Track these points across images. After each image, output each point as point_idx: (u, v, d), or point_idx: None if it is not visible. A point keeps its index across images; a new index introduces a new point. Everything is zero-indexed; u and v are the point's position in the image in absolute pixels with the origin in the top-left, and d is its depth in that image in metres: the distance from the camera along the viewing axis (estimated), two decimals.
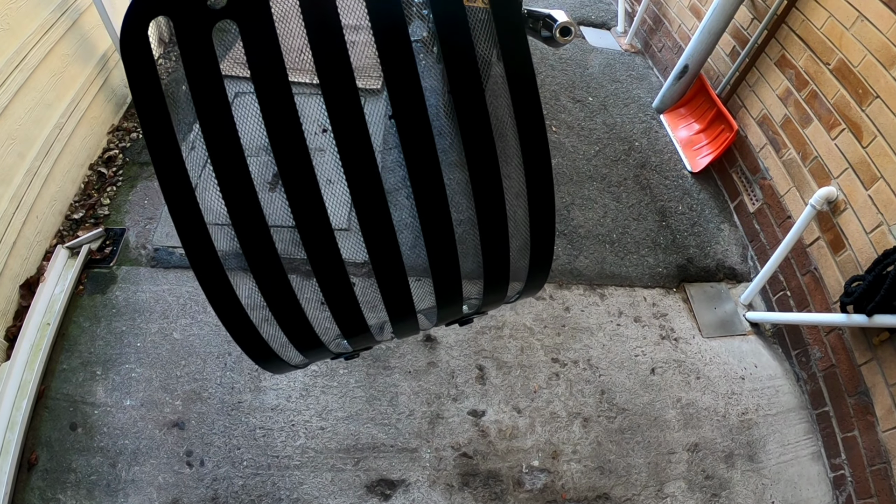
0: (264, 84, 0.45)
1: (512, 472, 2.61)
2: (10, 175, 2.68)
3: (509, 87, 0.56)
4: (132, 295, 2.85)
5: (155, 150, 0.48)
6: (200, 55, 0.44)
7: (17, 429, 2.35)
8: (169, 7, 0.42)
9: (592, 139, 4.30)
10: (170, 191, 0.50)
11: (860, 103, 2.91)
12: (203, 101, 0.45)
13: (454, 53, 0.52)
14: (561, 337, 3.08)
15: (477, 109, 0.54)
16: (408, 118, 0.51)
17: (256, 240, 0.54)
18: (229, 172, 0.49)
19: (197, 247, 0.54)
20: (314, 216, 0.52)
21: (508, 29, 0.53)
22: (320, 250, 0.55)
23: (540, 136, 0.58)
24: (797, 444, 2.90)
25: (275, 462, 2.46)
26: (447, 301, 0.65)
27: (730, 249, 3.73)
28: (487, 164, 0.55)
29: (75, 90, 3.16)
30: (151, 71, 0.45)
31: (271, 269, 0.56)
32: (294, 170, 0.50)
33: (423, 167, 0.53)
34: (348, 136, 0.49)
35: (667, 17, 5.13)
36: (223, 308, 0.59)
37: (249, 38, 0.43)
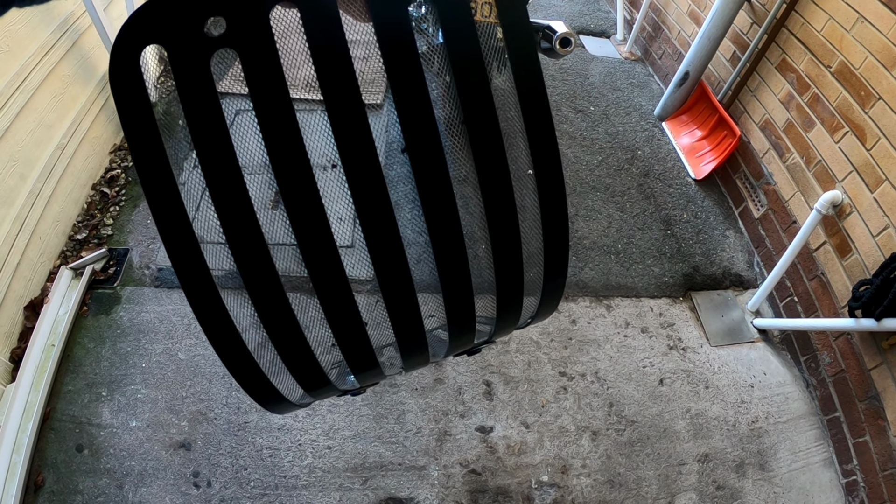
0: (266, 110, 0.44)
1: (521, 488, 2.58)
2: (12, 197, 2.68)
3: (520, 102, 0.55)
4: (136, 315, 2.84)
5: (148, 183, 0.46)
6: (197, 86, 0.42)
7: (23, 451, 2.35)
8: (163, 35, 0.40)
9: (595, 149, 4.29)
10: (168, 233, 0.49)
11: (863, 105, 2.90)
12: (200, 133, 0.44)
13: (464, 69, 0.51)
14: (568, 350, 3.06)
15: (488, 124, 0.53)
16: (418, 137, 0.50)
17: (257, 269, 0.53)
18: (229, 200, 0.48)
19: (191, 274, 0.52)
20: (319, 238, 0.50)
21: (519, 43, 0.52)
22: (327, 278, 0.53)
23: (551, 146, 0.57)
24: (808, 451, 2.87)
25: (282, 482, 2.45)
26: (459, 329, 0.63)
27: (735, 256, 3.71)
28: (499, 181, 0.54)
29: (76, 111, 3.16)
30: (143, 102, 0.43)
31: (278, 310, 0.55)
32: (299, 192, 0.49)
33: (435, 192, 0.51)
34: (355, 158, 0.48)
35: (666, 23, 5.13)
36: (226, 350, 0.58)
37: (250, 66, 0.42)
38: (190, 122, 0.44)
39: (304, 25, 0.43)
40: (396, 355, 0.65)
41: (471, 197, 0.54)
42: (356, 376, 0.66)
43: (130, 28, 0.39)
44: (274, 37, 0.43)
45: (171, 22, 0.39)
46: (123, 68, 0.41)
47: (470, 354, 0.75)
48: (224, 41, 0.41)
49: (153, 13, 0.39)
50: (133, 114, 0.42)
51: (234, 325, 0.54)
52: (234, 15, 0.40)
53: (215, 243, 0.51)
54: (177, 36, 0.40)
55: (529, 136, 0.55)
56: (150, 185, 0.46)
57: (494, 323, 0.65)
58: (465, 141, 0.51)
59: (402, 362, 0.66)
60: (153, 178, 0.45)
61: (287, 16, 0.43)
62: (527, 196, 0.56)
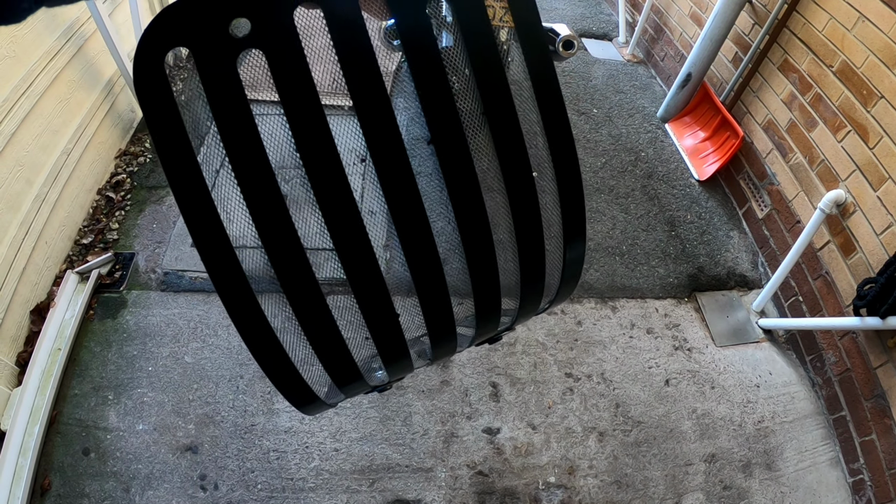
0: (295, 108, 0.44)
1: (528, 490, 2.58)
2: (18, 201, 2.69)
3: (537, 100, 0.57)
4: (143, 319, 2.85)
5: (176, 184, 0.46)
6: (225, 87, 0.43)
7: (29, 454, 2.35)
8: (187, 37, 0.40)
9: (598, 151, 4.29)
10: (201, 236, 0.49)
11: (865, 104, 2.90)
12: (230, 133, 0.44)
13: (483, 68, 0.52)
14: (574, 351, 3.06)
15: (507, 116, 0.54)
16: (443, 130, 0.51)
17: (293, 267, 0.53)
18: (263, 201, 0.48)
19: (227, 279, 0.52)
20: (355, 240, 0.51)
21: (534, 47, 0.53)
22: (362, 274, 0.54)
23: (567, 137, 0.59)
24: (815, 451, 2.87)
25: (289, 485, 2.45)
26: (487, 316, 0.64)
27: (740, 257, 3.71)
28: (519, 168, 0.55)
29: (82, 116, 3.17)
30: (169, 105, 0.43)
31: (310, 298, 0.56)
32: (332, 188, 0.49)
33: (462, 187, 0.52)
34: (386, 158, 0.48)
35: (668, 25, 5.14)
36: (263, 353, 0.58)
37: (277, 67, 0.42)
38: (219, 123, 0.44)
39: (328, 25, 0.43)
40: (426, 346, 0.65)
41: (493, 187, 0.56)
42: (388, 368, 0.66)
43: (154, 31, 0.39)
44: (299, 36, 0.43)
45: (196, 24, 0.40)
46: (148, 71, 0.40)
47: (491, 343, 0.77)
48: (249, 42, 0.41)
49: (177, 16, 0.39)
50: (160, 117, 0.42)
51: (270, 326, 0.55)
52: (258, 16, 0.41)
53: (250, 247, 0.52)
54: (202, 38, 0.40)
55: (544, 121, 0.57)
56: (180, 188, 0.46)
57: (517, 308, 0.66)
58: (486, 132, 0.53)
59: (431, 353, 0.67)
60: (183, 181, 0.45)
61: (310, 15, 0.44)
62: (546, 184, 0.58)
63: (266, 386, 2.70)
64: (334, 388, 0.67)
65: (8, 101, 2.60)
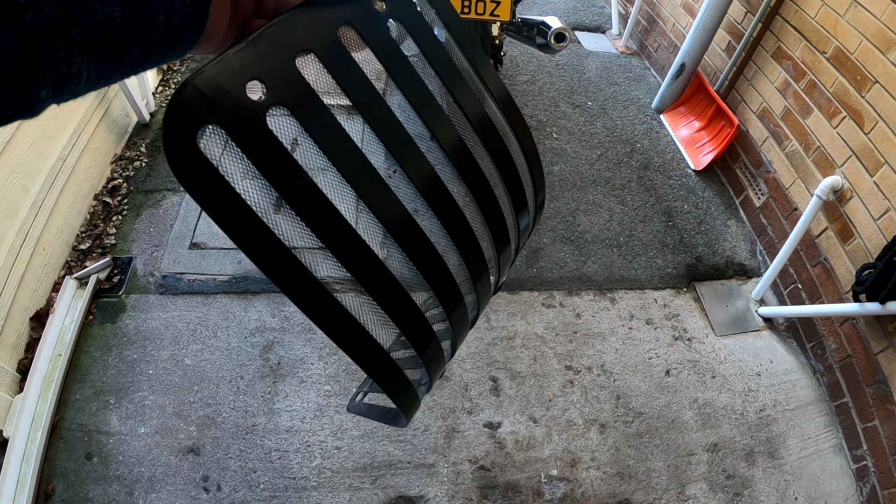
0: (331, 145, 0.48)
1: (531, 483, 2.58)
2: (15, 208, 2.69)
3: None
4: (142, 323, 2.85)
5: (258, 258, 0.48)
6: (266, 148, 0.45)
7: (32, 460, 2.36)
8: (211, 115, 0.41)
9: (594, 143, 4.29)
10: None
11: (859, 90, 2.90)
12: (283, 186, 0.47)
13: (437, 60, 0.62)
14: (573, 344, 3.07)
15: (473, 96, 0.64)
16: (444, 133, 0.61)
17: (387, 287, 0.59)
18: (344, 243, 0.53)
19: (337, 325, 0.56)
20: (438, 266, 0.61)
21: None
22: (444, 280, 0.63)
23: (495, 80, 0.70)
24: (817, 438, 2.87)
25: (292, 484, 2.45)
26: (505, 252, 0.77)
27: (738, 245, 3.71)
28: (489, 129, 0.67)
29: (76, 122, 3.17)
30: (219, 181, 0.44)
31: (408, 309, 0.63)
32: (409, 234, 0.57)
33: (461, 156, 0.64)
34: (414, 167, 0.57)
35: (660, 16, 5.13)
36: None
37: (303, 117, 0.46)
38: (273, 182, 0.46)
39: (323, 66, 0.48)
40: (472, 298, 0.77)
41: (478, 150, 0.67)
42: (455, 331, 0.76)
43: (177, 117, 0.40)
44: (309, 83, 0.47)
45: (214, 101, 0.41)
46: (186, 158, 0.41)
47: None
48: (269, 102, 0.44)
49: (194, 97, 0.41)
50: (213, 197, 0.43)
51: (381, 346, 0.59)
52: (268, 76, 0.43)
53: (344, 289, 0.56)
54: (226, 111, 0.42)
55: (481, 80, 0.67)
56: (262, 258, 0.48)
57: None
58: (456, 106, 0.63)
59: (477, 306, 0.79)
60: (262, 247, 0.48)
61: (308, 62, 0.48)
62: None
63: (266, 386, 2.70)
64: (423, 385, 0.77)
65: None
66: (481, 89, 0.65)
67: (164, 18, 0.34)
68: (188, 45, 0.37)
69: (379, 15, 0.52)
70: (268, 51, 0.44)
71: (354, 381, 2.75)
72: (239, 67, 0.42)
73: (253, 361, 2.77)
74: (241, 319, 2.91)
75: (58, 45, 0.29)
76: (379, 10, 0.52)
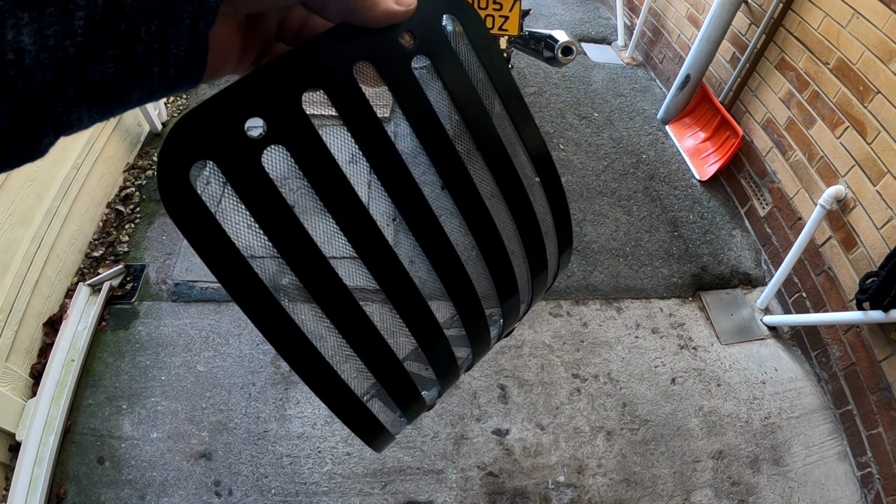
0: (325, 190, 0.48)
1: (538, 489, 2.61)
2: (30, 216, 2.73)
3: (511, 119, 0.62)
4: (155, 329, 2.88)
5: (236, 294, 0.49)
6: (257, 188, 0.45)
7: (44, 464, 2.38)
8: (206, 150, 0.42)
9: (600, 154, 4.33)
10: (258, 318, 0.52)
11: (862, 100, 2.93)
12: (272, 228, 0.47)
13: (464, 104, 0.57)
14: (580, 352, 3.09)
15: (499, 149, 0.59)
16: (454, 179, 0.57)
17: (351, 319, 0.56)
18: (323, 288, 0.52)
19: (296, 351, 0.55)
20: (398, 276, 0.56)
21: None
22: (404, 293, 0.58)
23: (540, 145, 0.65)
24: (822, 445, 2.89)
25: (303, 489, 2.48)
26: (511, 312, 0.71)
27: (743, 255, 3.74)
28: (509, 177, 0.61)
29: (90, 131, 3.22)
30: (206, 216, 0.44)
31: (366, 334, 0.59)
32: (390, 279, 0.55)
33: (469, 202, 0.59)
34: (415, 215, 0.55)
35: (665, 28, 5.18)
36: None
37: (301, 158, 0.46)
38: (260, 222, 0.46)
39: (331, 102, 0.46)
40: (468, 352, 0.70)
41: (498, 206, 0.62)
42: (440, 382, 0.69)
43: (172, 150, 0.41)
44: (312, 124, 0.46)
45: (212, 136, 0.42)
46: (176, 191, 0.42)
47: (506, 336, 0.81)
48: (268, 140, 0.44)
49: (190, 131, 0.41)
50: (200, 231, 0.44)
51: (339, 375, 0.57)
52: (269, 113, 0.43)
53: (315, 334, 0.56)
54: (222, 148, 0.43)
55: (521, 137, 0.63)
56: (239, 293, 0.49)
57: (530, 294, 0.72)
58: (482, 164, 0.59)
59: (472, 357, 0.72)
60: (239, 282, 0.48)
61: (315, 97, 0.47)
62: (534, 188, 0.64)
63: (278, 392, 2.73)
64: (397, 413, 0.69)
65: None
66: (513, 139, 0.60)
67: (160, 70, 0.33)
68: (190, 86, 0.37)
69: (404, 50, 0.48)
70: (274, 85, 0.43)
71: None
72: (240, 102, 0.42)
73: (265, 368, 2.80)
74: (253, 327, 2.92)
75: (55, 103, 0.30)
76: (405, 44, 0.48)
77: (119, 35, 0.30)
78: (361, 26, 0.45)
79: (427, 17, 0.49)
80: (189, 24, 0.33)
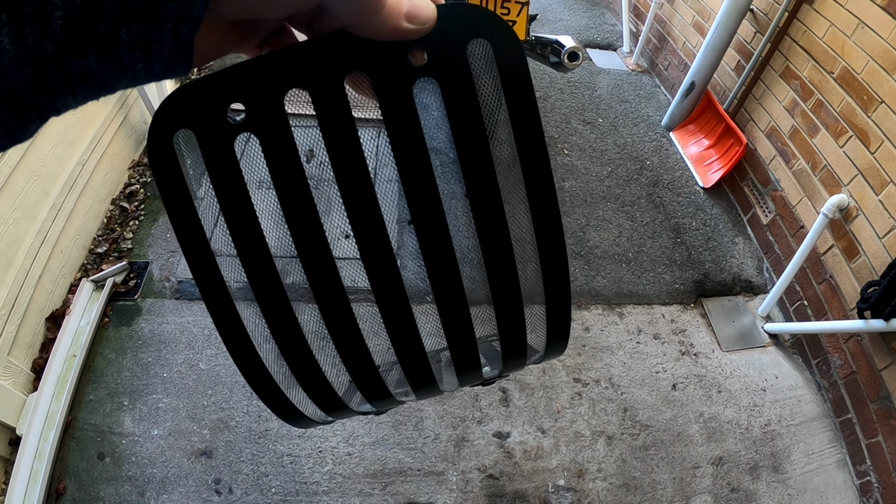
0: (283, 186, 0.49)
1: (538, 493, 2.61)
2: (35, 211, 2.74)
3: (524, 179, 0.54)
4: (157, 327, 2.89)
5: (184, 246, 0.52)
6: (222, 164, 0.48)
7: (44, 459, 2.38)
8: (191, 122, 0.45)
9: (604, 160, 4.34)
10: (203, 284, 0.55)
11: (866, 109, 2.94)
12: (227, 202, 0.49)
13: (468, 153, 0.51)
14: (582, 357, 3.10)
15: (492, 202, 0.53)
16: (425, 218, 0.53)
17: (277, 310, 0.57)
18: (259, 278, 0.54)
19: (222, 314, 0.57)
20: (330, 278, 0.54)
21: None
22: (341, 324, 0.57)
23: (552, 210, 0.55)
24: (822, 453, 2.89)
25: (303, 488, 2.48)
26: (464, 364, 0.65)
27: (745, 262, 3.74)
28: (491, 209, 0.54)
29: (96, 127, 3.23)
30: (178, 177, 0.48)
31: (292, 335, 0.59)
32: (315, 260, 0.54)
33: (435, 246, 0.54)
34: (369, 238, 0.52)
35: (671, 35, 5.19)
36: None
37: (268, 149, 0.47)
38: (218, 195, 0.49)
39: (313, 106, 0.47)
40: (406, 387, 0.67)
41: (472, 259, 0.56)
42: (371, 403, 0.68)
43: (162, 115, 0.45)
44: (289, 121, 0.47)
45: (198, 111, 0.45)
46: (159, 150, 0.46)
47: (485, 385, 0.76)
48: (244, 126, 0.46)
49: (181, 103, 0.45)
50: (170, 188, 0.48)
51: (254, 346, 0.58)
52: (251, 103, 0.45)
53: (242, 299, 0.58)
54: (203, 123, 0.46)
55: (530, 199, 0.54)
56: (187, 246, 0.52)
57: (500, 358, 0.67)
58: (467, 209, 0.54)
59: (414, 394, 0.68)
60: (189, 240, 0.52)
61: (301, 96, 0.47)
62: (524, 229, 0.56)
63: None
64: (317, 408, 0.69)
65: None
66: (516, 196, 0.52)
67: (144, 66, 0.33)
68: (179, 76, 0.36)
69: (409, 69, 0.44)
70: (261, 78, 0.44)
71: None
72: (230, 85, 0.44)
73: None
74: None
75: (37, 95, 0.30)
76: (414, 62, 0.44)
77: (99, 34, 0.30)
78: None
79: (448, 38, 0.44)
80: (172, 29, 0.32)
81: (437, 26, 0.42)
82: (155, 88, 3.83)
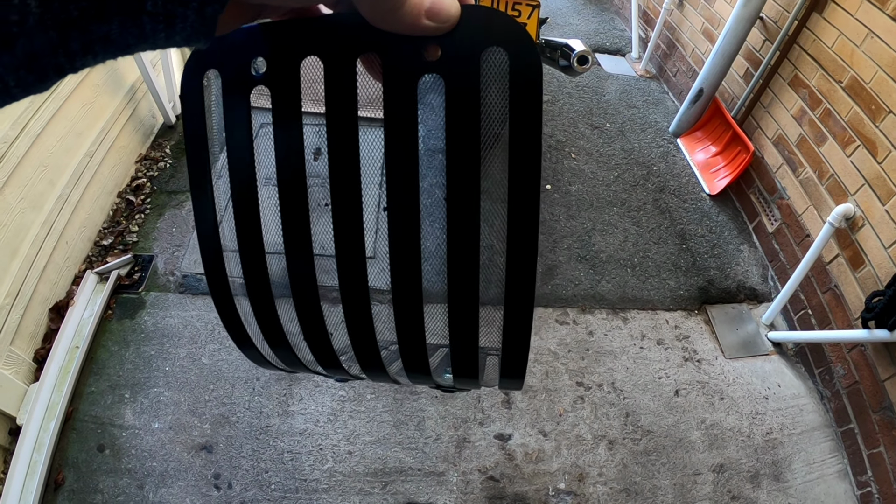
0: (282, 140, 0.52)
1: (539, 495, 2.60)
2: (41, 201, 2.74)
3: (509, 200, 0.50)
4: (161, 320, 2.89)
5: (192, 172, 0.58)
6: (237, 107, 0.53)
7: (44, 449, 2.39)
8: (219, 65, 0.51)
9: (611, 165, 4.34)
10: (198, 214, 0.61)
11: (874, 119, 2.94)
12: (232, 138, 0.55)
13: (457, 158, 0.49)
14: (585, 361, 3.09)
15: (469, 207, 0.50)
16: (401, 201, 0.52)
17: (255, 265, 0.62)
18: (244, 200, 0.58)
19: (211, 260, 0.62)
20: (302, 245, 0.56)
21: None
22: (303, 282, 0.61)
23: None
24: (823, 463, 2.88)
25: (303, 485, 2.47)
26: (413, 367, 0.64)
27: (750, 270, 3.74)
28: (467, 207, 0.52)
29: (105, 120, 3.23)
30: (200, 106, 0.54)
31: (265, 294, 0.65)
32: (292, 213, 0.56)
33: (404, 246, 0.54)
34: (343, 207, 0.53)
35: (680, 41, 5.19)
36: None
37: (278, 103, 0.51)
38: (227, 133, 0.55)
39: (325, 76, 0.48)
40: (351, 352, 0.67)
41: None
42: (321, 365, 0.69)
43: (198, 55, 0.51)
44: (300, 84, 0.49)
45: (227, 56, 0.50)
46: (190, 82, 0.52)
47: (445, 392, 0.76)
48: (262, 80, 0.50)
49: (218, 45, 0.50)
50: (192, 113, 0.54)
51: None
52: (272, 60, 0.49)
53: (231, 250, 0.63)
54: (229, 68, 0.51)
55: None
56: (193, 172, 0.58)
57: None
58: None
59: (361, 370, 0.68)
60: (195, 158, 0.58)
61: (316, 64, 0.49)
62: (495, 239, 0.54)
63: (282, 388, 2.73)
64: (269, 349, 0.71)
65: (34, 102, 2.66)
66: (495, 215, 0.48)
67: (165, 36, 0.33)
68: (197, 46, 0.37)
69: (419, 62, 0.43)
70: (287, 40, 0.47)
71: (369, 386, 2.78)
72: (257, 42, 0.48)
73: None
74: None
75: (58, 56, 0.30)
76: (427, 56, 0.43)
77: (124, 3, 0.30)
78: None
79: (466, 39, 0.43)
80: (197, 7, 0.32)
81: (460, 26, 0.41)
82: (164, 85, 3.84)
